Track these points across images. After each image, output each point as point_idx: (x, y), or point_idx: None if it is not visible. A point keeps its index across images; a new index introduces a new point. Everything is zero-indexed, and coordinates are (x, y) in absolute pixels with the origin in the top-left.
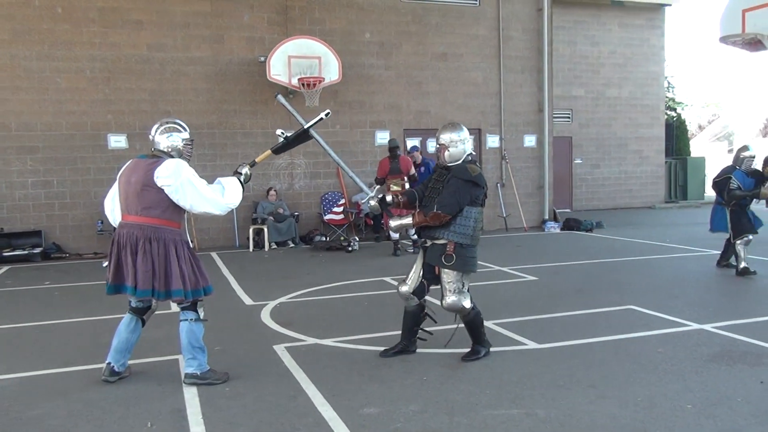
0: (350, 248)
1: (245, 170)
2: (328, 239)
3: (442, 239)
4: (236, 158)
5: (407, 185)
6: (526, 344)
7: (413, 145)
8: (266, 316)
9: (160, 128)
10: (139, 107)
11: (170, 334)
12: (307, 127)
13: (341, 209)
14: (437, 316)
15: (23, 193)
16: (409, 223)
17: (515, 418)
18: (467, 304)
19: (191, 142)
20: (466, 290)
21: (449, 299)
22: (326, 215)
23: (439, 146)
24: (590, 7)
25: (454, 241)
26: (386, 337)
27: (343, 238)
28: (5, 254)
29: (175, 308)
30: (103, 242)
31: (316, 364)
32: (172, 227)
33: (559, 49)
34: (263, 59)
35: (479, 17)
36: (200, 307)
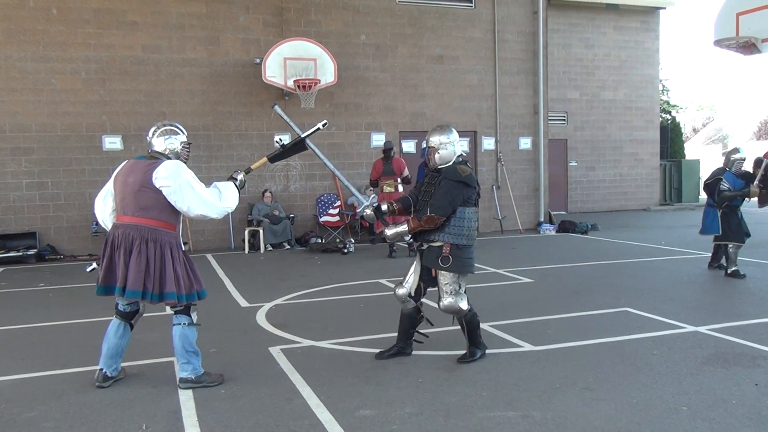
0: (346, 250)
1: (240, 176)
2: (323, 241)
3: (438, 241)
4: (231, 160)
5: (400, 187)
6: (521, 346)
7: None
8: (262, 318)
9: (158, 131)
10: (134, 109)
11: (164, 336)
12: (303, 136)
13: (337, 211)
14: (434, 318)
15: (18, 194)
16: (404, 230)
17: (511, 420)
18: (464, 305)
19: (189, 144)
20: (462, 291)
21: (446, 301)
22: (322, 217)
23: (428, 149)
24: (585, 10)
25: (450, 242)
26: (382, 339)
27: (338, 240)
28: None
29: (169, 310)
30: (97, 244)
31: (311, 366)
32: (168, 230)
33: (554, 51)
34: (259, 61)
35: (475, 20)
36: (193, 311)
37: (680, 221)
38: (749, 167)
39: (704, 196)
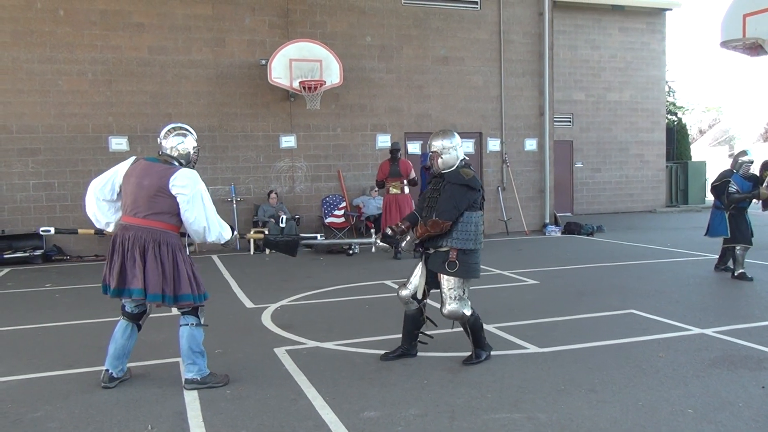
0: (351, 251)
1: (235, 232)
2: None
3: (444, 247)
4: (237, 161)
5: (406, 189)
6: (527, 348)
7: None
8: (267, 319)
9: (170, 133)
10: (140, 110)
11: (170, 336)
12: (302, 241)
13: (342, 212)
14: (437, 320)
15: (24, 195)
16: (413, 238)
17: (516, 422)
18: (467, 311)
19: (198, 148)
20: (466, 297)
21: (450, 306)
22: (327, 218)
23: (431, 154)
24: (591, 11)
25: (456, 247)
26: (387, 340)
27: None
28: (6, 256)
29: (175, 311)
30: (104, 245)
31: (316, 367)
32: (175, 232)
33: (559, 53)
34: (264, 62)
35: (480, 21)
36: (201, 312)
37: (686, 223)
38: (756, 170)
39: (711, 198)
